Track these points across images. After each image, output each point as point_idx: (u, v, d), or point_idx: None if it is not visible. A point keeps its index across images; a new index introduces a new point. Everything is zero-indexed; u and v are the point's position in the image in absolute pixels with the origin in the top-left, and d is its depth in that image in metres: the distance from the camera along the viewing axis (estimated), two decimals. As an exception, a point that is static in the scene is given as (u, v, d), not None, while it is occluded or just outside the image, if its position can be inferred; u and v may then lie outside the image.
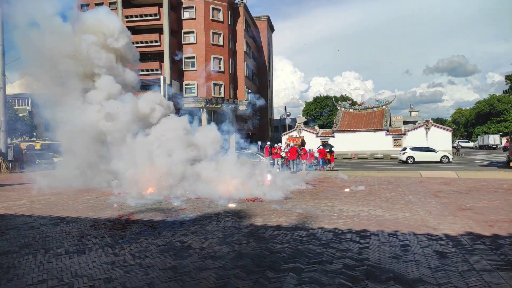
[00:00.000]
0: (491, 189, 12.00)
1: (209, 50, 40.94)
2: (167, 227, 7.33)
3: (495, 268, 4.65)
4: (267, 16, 57.81)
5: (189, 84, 41.26)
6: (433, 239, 6.12)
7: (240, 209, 9.22)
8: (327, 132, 41.44)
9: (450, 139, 37.41)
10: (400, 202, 9.89)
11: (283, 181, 13.27)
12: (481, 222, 7.26)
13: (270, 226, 7.30)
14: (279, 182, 13.03)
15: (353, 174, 18.35)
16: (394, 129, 39.92)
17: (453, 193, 11.39)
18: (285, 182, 13.20)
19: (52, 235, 6.84)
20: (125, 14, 39.13)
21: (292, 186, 13.11)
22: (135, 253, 5.59)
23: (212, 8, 41.27)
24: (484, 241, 5.90)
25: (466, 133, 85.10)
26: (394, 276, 4.46)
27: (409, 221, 7.54)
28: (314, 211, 8.69)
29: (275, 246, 5.82)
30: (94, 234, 6.84)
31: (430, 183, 14.19)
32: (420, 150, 29.41)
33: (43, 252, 5.79)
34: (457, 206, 9.05)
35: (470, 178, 15.53)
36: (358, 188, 12.61)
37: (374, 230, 6.78)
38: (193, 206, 9.71)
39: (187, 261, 5.18)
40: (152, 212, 8.97)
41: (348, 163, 32.61)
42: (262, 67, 57.61)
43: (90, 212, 9.03)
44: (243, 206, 9.58)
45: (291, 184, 13.33)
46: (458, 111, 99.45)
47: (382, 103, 44.01)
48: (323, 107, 66.92)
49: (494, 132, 65.04)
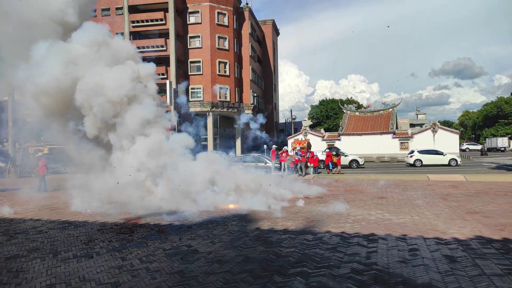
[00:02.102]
0: (500, 192, 11.86)
1: (214, 54, 41.10)
2: (174, 231, 7.34)
3: (506, 273, 4.58)
4: (272, 20, 57.93)
5: (194, 88, 41.41)
6: (442, 243, 6.05)
7: (247, 212, 9.19)
8: (333, 135, 41.29)
9: (457, 142, 37.04)
10: (407, 205, 9.81)
11: (277, 188, 12.28)
12: (491, 226, 7.17)
13: (277, 230, 7.27)
14: (274, 188, 12.14)
15: (360, 177, 18.25)
16: (401, 132, 39.65)
17: (462, 196, 11.27)
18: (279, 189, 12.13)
19: (60, 239, 6.88)
20: (131, 19, 39.47)
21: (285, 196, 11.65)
22: (142, 257, 5.60)
23: (217, 12, 41.48)
24: (494, 245, 5.82)
25: (473, 135, 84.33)
26: (403, 281, 4.42)
27: (417, 225, 7.47)
28: (321, 215, 8.65)
29: (282, 250, 5.79)
30: (101, 238, 6.86)
31: (438, 186, 14.06)
32: (428, 153, 29.13)
33: (51, 256, 5.82)
34: (466, 210, 8.95)
35: (478, 181, 15.36)
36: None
37: (382, 234, 6.72)
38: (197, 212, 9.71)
39: (194, 265, 5.17)
40: (159, 216, 8.98)
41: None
42: (267, 71, 57.70)
43: (98, 216, 9.07)
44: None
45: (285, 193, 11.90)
46: (465, 113, 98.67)
47: (388, 106, 43.77)
48: (329, 110, 66.74)
49: (502, 134, 64.37)
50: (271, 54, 57.97)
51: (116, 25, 40.25)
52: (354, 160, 28.51)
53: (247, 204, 10.07)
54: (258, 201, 10.25)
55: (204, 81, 41.05)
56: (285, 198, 11.19)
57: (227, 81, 42.12)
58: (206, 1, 40.87)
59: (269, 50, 57.81)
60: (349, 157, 28.67)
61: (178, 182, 10.72)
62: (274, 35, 60.32)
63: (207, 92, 40.88)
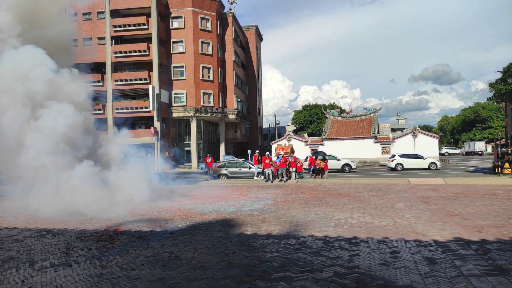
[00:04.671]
0: (478, 195, 12.16)
1: (198, 59, 40.98)
2: (156, 238, 7.22)
3: (483, 273, 4.69)
4: (256, 26, 58.27)
5: (178, 93, 41.14)
6: (422, 245, 6.15)
7: (230, 217, 9.15)
8: (316, 140, 41.62)
9: (437, 146, 37.91)
10: (389, 209, 9.94)
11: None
12: (469, 228, 7.33)
13: (260, 234, 7.25)
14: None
15: (343, 181, 18.42)
16: (382, 137, 40.34)
17: (441, 199, 11.51)
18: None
19: (37, 248, 6.68)
20: (113, 24, 39.02)
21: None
22: (122, 265, 5.48)
23: (200, 17, 41.44)
24: (472, 247, 5.95)
25: (452, 140, 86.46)
26: (384, 283, 4.46)
27: (398, 227, 7.57)
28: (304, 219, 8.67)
29: (266, 255, 5.78)
30: (80, 246, 6.70)
31: (418, 189, 14.33)
32: (409, 157, 29.72)
33: (28, 265, 5.64)
34: (445, 212, 9.14)
35: (457, 184, 15.73)
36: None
37: (364, 237, 6.79)
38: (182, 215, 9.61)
39: (176, 272, 5.09)
40: (140, 222, 8.83)
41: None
42: (251, 76, 57.89)
43: (77, 224, 8.86)
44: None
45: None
46: (444, 118, 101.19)
47: (370, 111, 44.49)
48: (312, 115, 67.31)
49: (479, 138, 66.25)
50: (254, 60, 58.22)
51: (98, 29, 39.73)
52: (346, 164, 28.94)
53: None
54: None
55: (187, 86, 40.85)
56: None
57: (210, 86, 42.03)
58: (189, 6, 40.82)
59: (253, 55, 58.06)
60: (341, 161, 29.12)
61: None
62: (257, 41, 60.64)
63: (190, 97, 40.68)
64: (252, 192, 14.90)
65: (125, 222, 8.96)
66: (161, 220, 9.07)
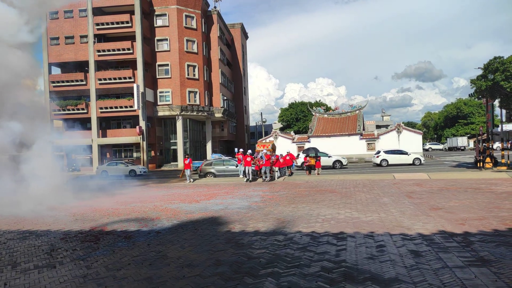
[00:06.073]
0: (461, 189, 12.42)
1: (183, 58, 40.63)
2: (142, 237, 7.15)
3: (467, 265, 4.79)
4: (241, 24, 58.12)
5: (163, 92, 40.74)
6: (407, 238, 6.24)
7: (217, 215, 9.12)
8: (302, 137, 41.84)
9: (421, 142, 38.62)
10: (375, 204, 10.07)
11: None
12: (453, 221, 7.48)
13: (248, 231, 7.25)
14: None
15: (330, 178, 18.57)
16: (368, 133, 40.82)
17: (425, 193, 11.71)
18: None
19: (20, 250, 6.53)
20: (96, 22, 38.33)
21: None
22: (108, 265, 5.41)
23: (185, 15, 41.08)
24: (455, 239, 6.07)
25: (436, 135, 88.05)
26: (371, 277, 4.51)
27: (384, 222, 7.67)
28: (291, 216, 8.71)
29: (253, 252, 5.77)
30: (65, 247, 6.57)
31: (403, 184, 14.55)
32: (393, 153, 30.16)
33: (10, 267, 5.51)
34: (430, 206, 9.30)
35: (441, 179, 16.03)
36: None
37: (350, 232, 6.85)
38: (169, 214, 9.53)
39: (163, 271, 5.05)
40: (127, 222, 8.72)
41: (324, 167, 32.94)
42: (237, 74, 57.76)
43: (61, 225, 8.69)
44: (219, 213, 9.47)
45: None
46: (428, 114, 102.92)
47: (355, 108, 44.97)
48: (298, 113, 67.63)
49: (462, 134, 67.67)
50: (240, 58, 58.07)
51: (80, 27, 38.99)
52: (337, 160, 29.12)
53: None
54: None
55: (172, 84, 40.49)
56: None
57: (196, 85, 41.75)
58: (174, 4, 40.40)
59: (238, 53, 57.90)
60: (332, 158, 29.25)
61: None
62: (243, 38, 60.51)
63: (176, 95, 40.33)
64: (239, 190, 14.90)
65: (111, 222, 8.84)
66: (148, 220, 8.99)
